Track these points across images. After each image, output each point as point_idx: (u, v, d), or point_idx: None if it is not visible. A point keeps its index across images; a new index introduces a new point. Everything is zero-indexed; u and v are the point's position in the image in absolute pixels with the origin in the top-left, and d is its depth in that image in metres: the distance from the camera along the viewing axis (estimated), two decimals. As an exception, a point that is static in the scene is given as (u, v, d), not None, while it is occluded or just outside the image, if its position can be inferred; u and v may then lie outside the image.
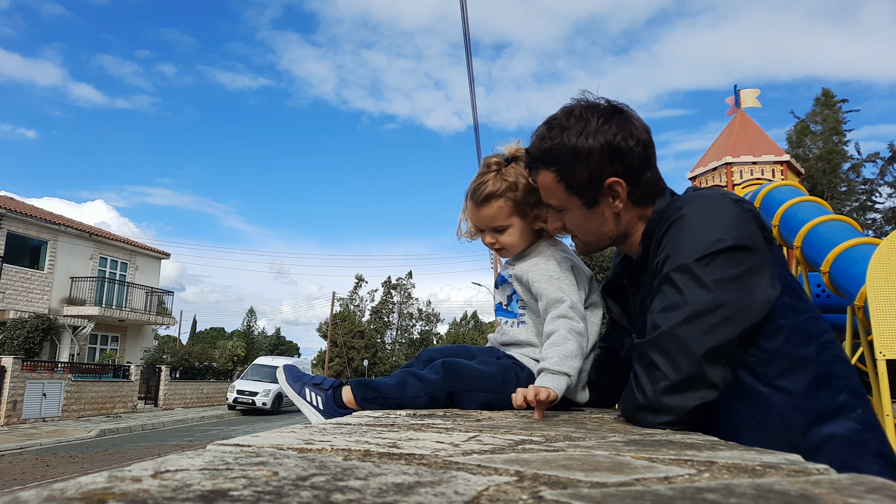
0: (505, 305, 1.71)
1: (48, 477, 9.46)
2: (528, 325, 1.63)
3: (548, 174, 1.39)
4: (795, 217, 7.31)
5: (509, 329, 1.67)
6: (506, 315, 1.69)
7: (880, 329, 4.82)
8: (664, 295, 1.20)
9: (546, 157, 1.37)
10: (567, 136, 1.33)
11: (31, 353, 19.36)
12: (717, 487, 0.50)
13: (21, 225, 21.03)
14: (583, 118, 1.33)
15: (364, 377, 1.57)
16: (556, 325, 1.48)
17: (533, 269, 1.61)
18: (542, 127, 1.40)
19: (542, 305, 1.55)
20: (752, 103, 11.74)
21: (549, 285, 1.56)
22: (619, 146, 1.32)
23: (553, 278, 1.57)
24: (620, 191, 1.35)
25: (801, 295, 1.24)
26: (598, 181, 1.34)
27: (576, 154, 1.32)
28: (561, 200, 1.41)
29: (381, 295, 54.53)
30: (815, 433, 1.15)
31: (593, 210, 1.39)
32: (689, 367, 1.12)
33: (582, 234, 1.46)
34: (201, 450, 0.63)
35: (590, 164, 1.32)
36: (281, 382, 1.61)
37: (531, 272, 1.61)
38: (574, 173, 1.34)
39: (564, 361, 1.40)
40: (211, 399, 26.74)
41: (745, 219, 1.21)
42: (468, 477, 0.53)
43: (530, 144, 1.43)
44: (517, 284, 1.66)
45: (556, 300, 1.52)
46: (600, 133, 1.31)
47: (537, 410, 1.30)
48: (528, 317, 1.64)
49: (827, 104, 27.61)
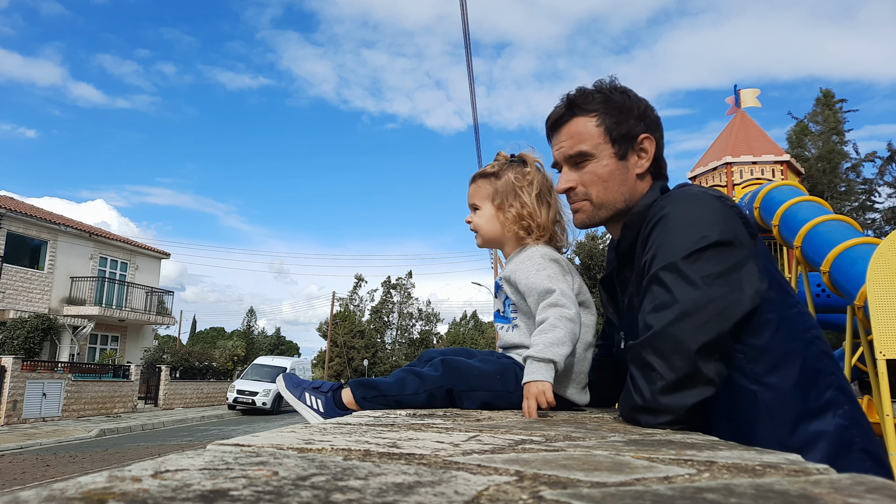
0: (501, 312, 1.71)
1: (48, 477, 9.46)
2: (521, 329, 1.63)
3: (586, 119, 1.44)
4: (795, 217, 7.31)
5: (505, 334, 1.68)
6: (501, 321, 1.70)
7: (880, 329, 4.82)
8: (654, 295, 1.20)
9: (589, 101, 1.44)
10: (612, 93, 1.44)
11: (31, 353, 19.36)
12: (717, 487, 0.50)
13: (21, 225, 21.03)
14: (623, 89, 1.46)
15: (364, 377, 1.58)
16: (546, 313, 1.47)
17: (519, 267, 1.62)
18: (585, 87, 1.48)
19: (534, 300, 1.54)
20: (752, 103, 11.74)
21: (536, 277, 1.55)
22: (653, 114, 1.45)
23: (539, 270, 1.56)
24: (649, 149, 1.42)
25: (787, 290, 1.24)
26: (634, 136, 1.42)
27: (619, 106, 1.42)
28: (592, 147, 1.42)
29: (381, 295, 54.52)
30: (804, 430, 1.15)
31: (621, 163, 1.42)
32: (685, 366, 1.12)
33: (598, 190, 1.44)
34: (201, 450, 0.63)
35: (630, 117, 1.41)
36: (281, 390, 1.62)
37: (517, 271, 1.61)
38: (617, 120, 1.42)
39: (550, 349, 1.39)
40: (211, 399, 26.73)
41: (728, 214, 1.22)
42: (468, 477, 0.53)
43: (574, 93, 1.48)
44: (507, 287, 1.66)
45: (545, 290, 1.51)
46: (640, 100, 1.45)
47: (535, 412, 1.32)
48: (520, 319, 1.64)
49: (827, 104, 27.59)
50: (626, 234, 1.40)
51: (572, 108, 1.45)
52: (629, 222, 1.39)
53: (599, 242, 34.43)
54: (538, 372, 1.36)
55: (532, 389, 1.34)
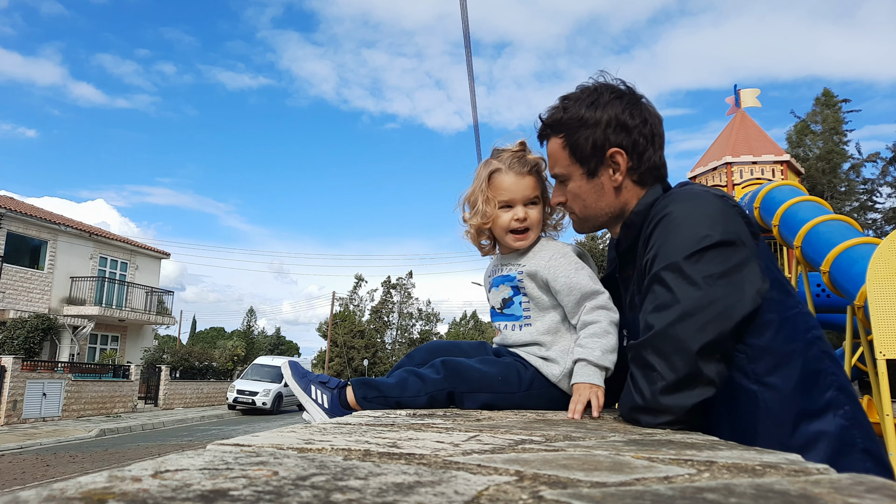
0: (500, 309, 1.63)
1: (48, 477, 9.45)
2: (535, 327, 1.56)
3: (556, 141, 1.44)
4: (795, 217, 7.31)
5: (511, 333, 1.60)
6: (505, 319, 1.62)
7: (880, 329, 4.82)
8: (655, 294, 1.20)
9: (556, 124, 1.43)
10: (577, 107, 1.40)
11: (31, 353, 19.35)
12: (717, 487, 0.50)
13: (21, 224, 21.02)
14: (595, 92, 1.40)
15: (365, 376, 1.55)
16: (595, 315, 1.45)
17: (553, 263, 1.54)
18: (557, 100, 1.46)
19: (573, 299, 1.49)
20: (752, 103, 11.75)
21: (577, 277, 1.50)
22: (625, 121, 1.37)
23: (579, 269, 1.52)
24: (621, 162, 1.38)
25: (788, 290, 1.24)
26: (601, 151, 1.38)
27: (583, 122, 1.38)
28: (564, 168, 1.44)
29: (381, 295, 54.51)
30: (804, 430, 1.15)
31: (593, 181, 1.41)
32: (685, 366, 1.11)
33: (579, 207, 1.46)
34: (201, 449, 0.63)
35: (595, 132, 1.37)
36: (287, 377, 1.58)
37: (552, 267, 1.53)
38: (579, 140, 1.39)
39: (607, 356, 1.38)
40: (211, 399, 26.72)
41: (730, 214, 1.22)
42: (468, 477, 0.53)
43: (545, 114, 1.47)
44: (529, 282, 1.57)
45: (593, 291, 1.48)
46: (609, 106, 1.37)
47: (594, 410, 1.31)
48: (533, 317, 1.57)
49: (827, 104, 27.59)
50: (626, 234, 1.40)
51: (545, 129, 1.47)
52: (629, 221, 1.38)
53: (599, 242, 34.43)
54: (594, 376, 1.36)
55: (585, 390, 1.33)
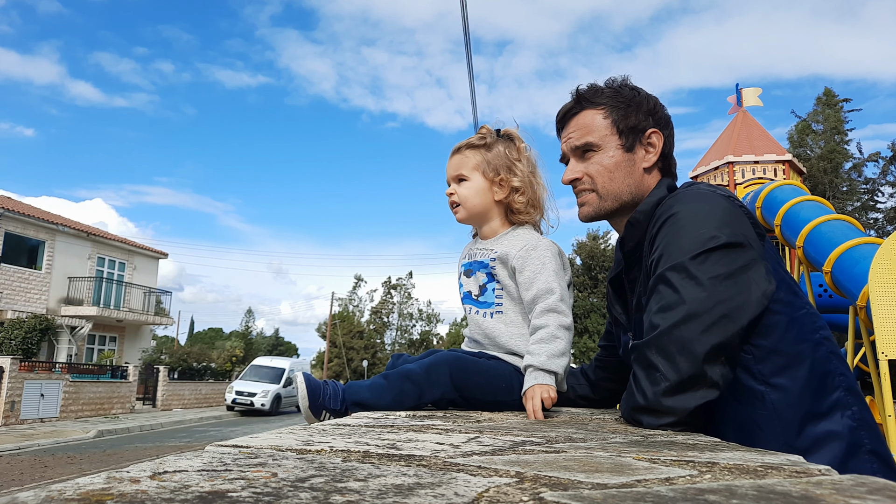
0: (476, 295, 1.61)
1: (46, 478, 9.45)
2: (505, 315, 1.56)
3: (594, 112, 1.46)
4: (797, 217, 7.32)
5: (482, 321, 1.58)
6: (476, 305, 1.60)
7: (883, 329, 4.82)
8: (660, 295, 1.19)
9: (598, 95, 1.46)
10: (621, 88, 1.47)
11: (28, 354, 19.31)
12: (719, 489, 0.50)
13: (19, 224, 21.00)
14: (633, 86, 1.48)
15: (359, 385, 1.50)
16: (544, 319, 1.46)
17: (524, 254, 1.54)
18: (593, 83, 1.51)
19: (531, 295, 1.50)
20: (754, 102, 11.75)
21: (541, 273, 1.51)
22: (661, 111, 1.46)
23: (546, 266, 1.52)
24: (657, 144, 1.43)
25: (796, 291, 1.23)
26: (641, 129, 1.43)
27: (627, 100, 1.44)
28: (600, 138, 1.44)
29: (381, 295, 54.54)
30: (811, 431, 1.14)
31: (628, 154, 1.43)
32: (689, 367, 1.11)
33: (605, 180, 1.43)
34: (200, 451, 0.63)
35: (639, 112, 1.43)
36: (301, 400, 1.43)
37: (523, 256, 1.54)
38: (622, 113, 1.43)
39: (553, 360, 1.39)
40: (209, 400, 26.71)
41: (737, 215, 1.21)
42: (468, 478, 0.53)
43: (581, 88, 1.49)
44: (500, 267, 1.57)
45: (546, 290, 1.48)
46: (650, 97, 1.47)
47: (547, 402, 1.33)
48: (505, 304, 1.57)
49: (829, 103, 27.63)
50: (630, 232, 1.39)
51: (581, 102, 1.47)
52: (634, 219, 1.37)
53: (601, 242, 34.41)
54: (541, 377, 1.37)
55: (536, 391, 1.34)
